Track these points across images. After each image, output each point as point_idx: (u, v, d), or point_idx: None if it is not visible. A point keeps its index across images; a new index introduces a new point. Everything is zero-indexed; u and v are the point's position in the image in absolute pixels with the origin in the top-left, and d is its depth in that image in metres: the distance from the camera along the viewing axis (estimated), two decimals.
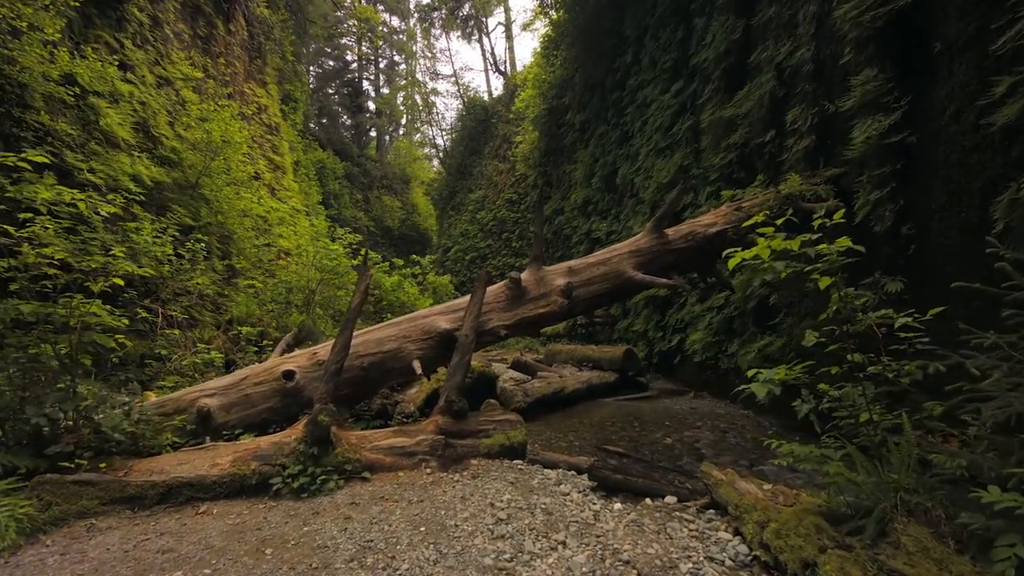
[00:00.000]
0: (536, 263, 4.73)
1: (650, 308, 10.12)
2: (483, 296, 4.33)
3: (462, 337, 4.22)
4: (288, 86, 20.95)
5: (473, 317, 4.25)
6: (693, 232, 4.92)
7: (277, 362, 4.27)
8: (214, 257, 9.87)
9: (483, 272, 4.33)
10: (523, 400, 6.63)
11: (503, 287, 4.63)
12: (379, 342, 4.32)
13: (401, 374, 4.33)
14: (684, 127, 9.52)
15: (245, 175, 10.14)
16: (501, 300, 4.55)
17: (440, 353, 4.38)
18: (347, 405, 4.27)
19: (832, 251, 2.75)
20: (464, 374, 4.16)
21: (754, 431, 5.83)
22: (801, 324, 6.10)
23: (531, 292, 4.58)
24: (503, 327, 4.44)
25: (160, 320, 6.77)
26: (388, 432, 3.90)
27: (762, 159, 7.07)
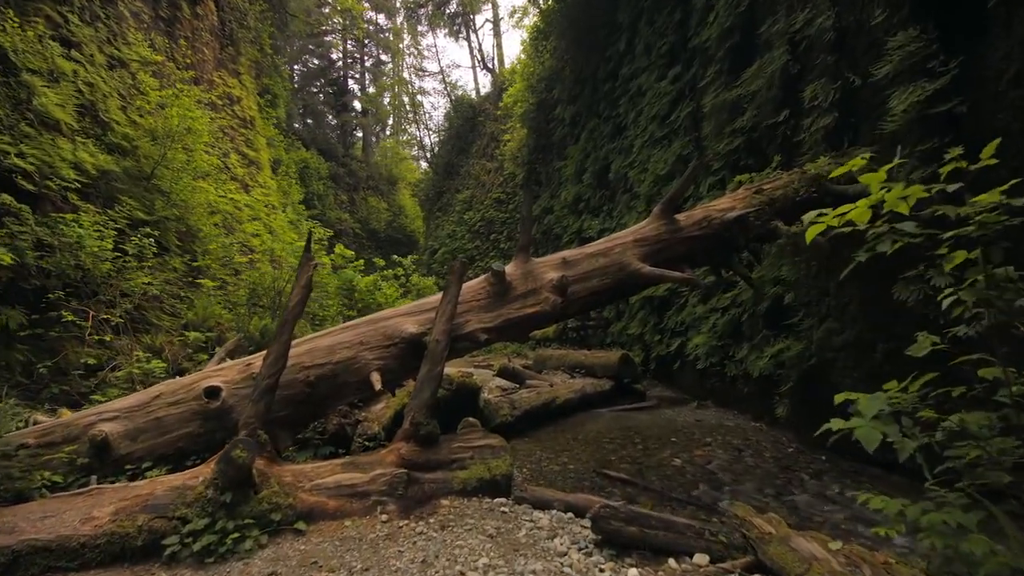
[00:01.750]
0: (523, 254, 3.90)
1: (647, 310, 9.34)
2: (458, 292, 3.49)
3: (432, 344, 3.37)
4: (267, 80, 19.98)
5: (446, 319, 3.40)
6: (708, 218, 4.13)
7: (199, 377, 3.38)
8: (172, 255, 8.92)
9: (457, 262, 3.49)
10: (510, 414, 5.79)
11: (483, 282, 3.80)
12: (329, 350, 3.45)
13: (358, 389, 3.47)
14: (683, 114, 8.78)
15: (207, 166, 9.20)
16: (481, 298, 3.71)
17: (407, 363, 3.53)
18: (288, 430, 3.39)
19: (984, 207, 1.90)
20: (434, 389, 3.31)
21: (773, 449, 5.05)
22: (822, 326, 5.35)
23: (517, 288, 3.75)
24: (484, 330, 3.60)
25: (89, 324, 5.82)
26: (336, 465, 3.04)
27: (774, 142, 6.32)
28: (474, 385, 5.07)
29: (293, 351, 3.45)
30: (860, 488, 3.99)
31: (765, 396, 6.03)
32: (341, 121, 32.57)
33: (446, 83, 30.45)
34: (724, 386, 6.87)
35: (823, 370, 5.14)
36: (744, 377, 6.41)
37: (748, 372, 6.24)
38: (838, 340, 5.04)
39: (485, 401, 5.57)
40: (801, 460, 4.69)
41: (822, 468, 4.46)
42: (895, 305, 4.44)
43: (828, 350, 5.13)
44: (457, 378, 4.97)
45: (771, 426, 5.83)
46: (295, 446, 3.62)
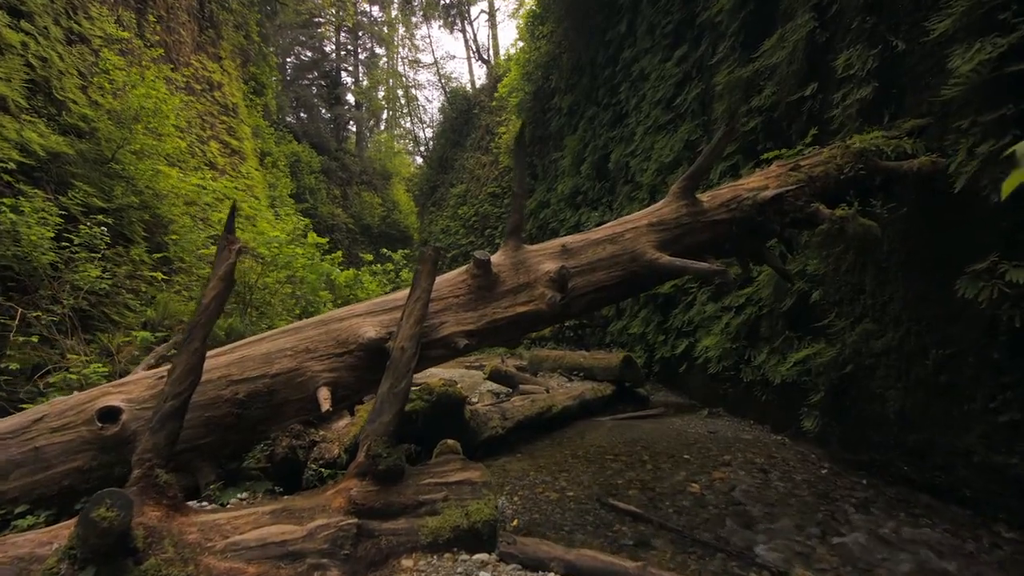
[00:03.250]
0: (514, 239, 3.14)
1: (650, 308, 8.61)
2: (430, 287, 2.74)
3: (396, 351, 2.61)
4: (254, 69, 19.10)
5: (414, 320, 2.65)
6: (737, 198, 3.38)
7: (97, 393, 2.61)
8: (137, 247, 8.11)
9: (428, 248, 2.73)
10: (500, 425, 5.05)
11: (463, 275, 3.04)
12: (265, 360, 2.69)
13: (302, 410, 2.71)
14: (691, 96, 8.03)
15: (175, 151, 8.39)
16: (461, 294, 2.95)
17: (365, 375, 2.77)
18: (212, 461, 2.63)
19: None
20: (398, 410, 2.56)
21: (803, 470, 4.32)
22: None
23: (506, 281, 2.99)
24: (463, 334, 2.84)
25: (16, 323, 5.04)
26: (263, 513, 2.28)
27: (798, 120, 5.57)
28: (457, 395, 4.32)
29: (220, 361, 2.69)
30: (919, 525, 3.28)
31: (788, 406, 5.31)
32: (334, 114, 31.67)
33: (440, 75, 29.53)
34: (738, 393, 6.14)
35: (860, 379, 4.42)
36: (762, 384, 5.68)
37: (768, 378, 5.51)
38: (878, 344, 4.31)
39: (472, 412, 4.82)
40: (839, 485, 3.96)
41: (866, 496, 3.73)
42: (952, 303, 3.72)
43: (866, 356, 4.40)
44: (438, 387, 4.22)
45: (795, 440, 5.10)
46: (218, 482, 2.86)
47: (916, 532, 3.17)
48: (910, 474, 3.97)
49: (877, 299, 4.43)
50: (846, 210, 3.46)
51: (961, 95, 3.67)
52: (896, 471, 4.07)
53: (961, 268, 3.58)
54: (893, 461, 4.11)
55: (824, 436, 4.66)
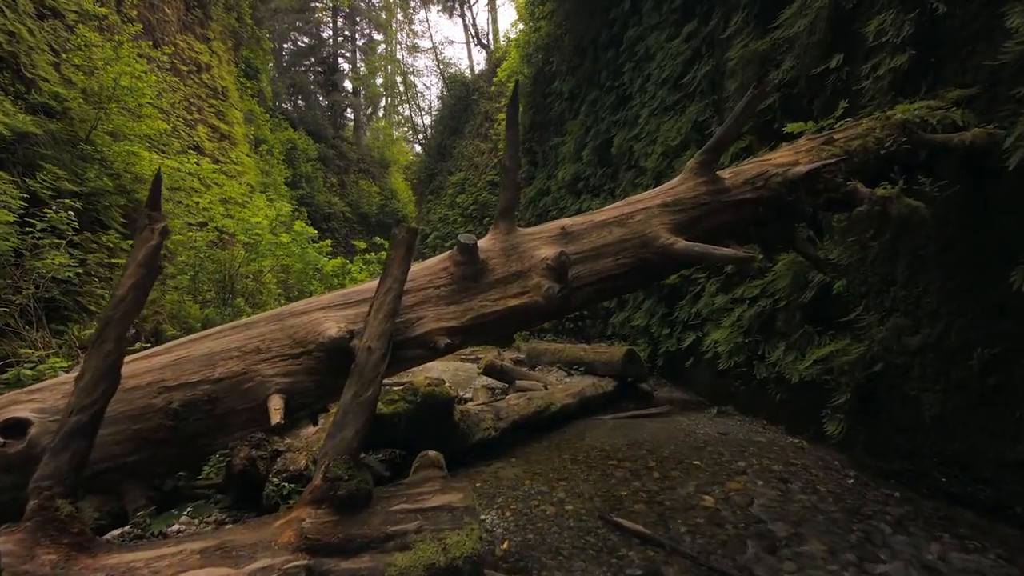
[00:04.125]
0: (505, 221, 2.69)
1: (654, 299, 8.16)
2: (404, 275, 2.29)
3: (361, 353, 2.17)
4: (247, 52, 18.51)
5: (383, 314, 2.20)
6: (765, 175, 2.92)
7: (3, 402, 2.18)
8: (108, 234, 7.66)
9: (401, 228, 2.27)
10: (494, 427, 4.62)
11: (445, 261, 2.59)
12: (207, 362, 2.25)
13: (251, 420, 2.27)
14: (700, 74, 7.51)
15: (153, 132, 7.89)
16: (442, 284, 2.51)
17: (326, 380, 2.33)
18: (143, 481, 2.20)
19: None
20: (364, 423, 2.12)
21: (826, 479, 3.89)
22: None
23: (496, 269, 2.54)
24: (444, 331, 2.40)
25: None
26: (191, 551, 1.85)
27: (821, 95, 5.08)
28: (445, 395, 3.89)
29: (152, 363, 2.25)
30: (968, 549, 2.87)
31: (806, 407, 4.88)
32: (331, 101, 31.00)
33: (439, 61, 28.80)
34: (750, 391, 5.72)
35: (891, 379, 3.98)
36: (778, 382, 5.25)
37: (784, 376, 5.08)
38: (912, 342, 3.87)
39: (463, 412, 4.39)
40: (869, 499, 3.54)
41: (902, 513, 3.31)
42: (1002, 296, 3.28)
43: (897, 353, 3.96)
44: (423, 387, 3.78)
45: (814, 443, 4.68)
46: (155, 506, 2.43)
47: (966, 558, 2.75)
48: (949, 487, 3.54)
49: (910, 291, 3.98)
50: (889, 189, 3.00)
51: (1014, 60, 3.21)
52: (933, 483, 3.64)
53: (1015, 256, 3.14)
54: (929, 472, 3.69)
55: (848, 441, 4.23)
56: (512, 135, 2.63)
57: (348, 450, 2.08)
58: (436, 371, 8.13)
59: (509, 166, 2.61)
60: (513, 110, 2.66)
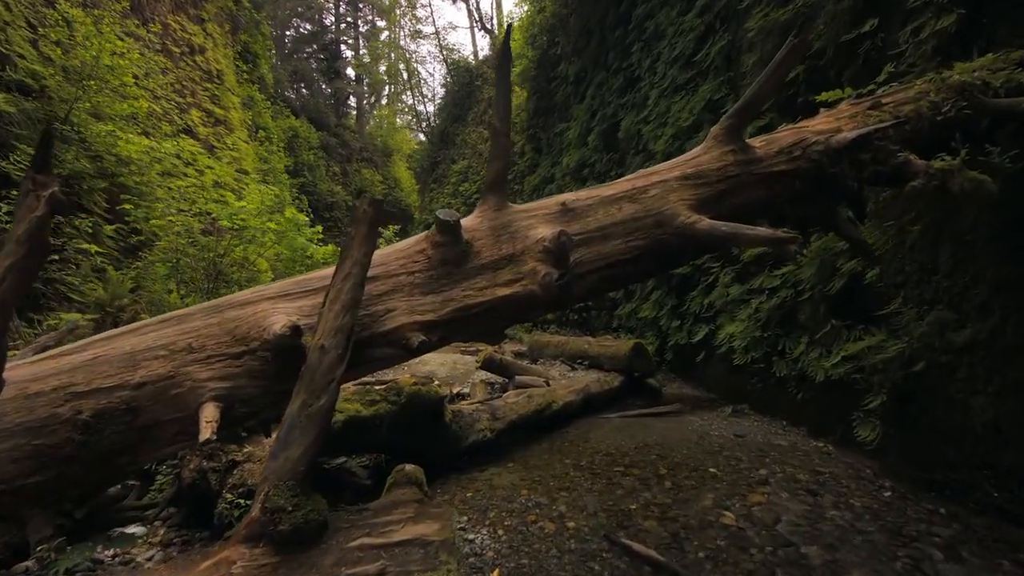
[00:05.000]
0: (494, 195, 2.25)
1: (663, 289, 7.71)
2: (368, 256, 1.86)
3: (313, 353, 1.76)
4: (245, 37, 18.02)
5: (341, 307, 1.78)
6: (802, 143, 2.46)
7: None
8: (96, 219, 7.28)
9: (364, 200, 1.85)
10: (489, 428, 4.22)
11: (422, 243, 2.16)
12: (127, 362, 1.84)
13: (182, 433, 1.86)
14: (714, 50, 7.00)
15: (134, 111, 7.46)
16: (417, 270, 2.08)
17: (275, 385, 1.91)
18: (50, 506, 1.81)
19: None
20: (313, 441, 1.71)
21: (860, 491, 3.46)
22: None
23: (483, 253, 2.11)
24: (419, 326, 1.98)
25: None
26: None
27: (853, 65, 4.59)
28: (433, 395, 3.48)
29: (59, 364, 1.84)
30: None
31: (833, 408, 4.44)
32: (334, 88, 30.46)
33: (442, 47, 28.11)
34: (768, 389, 5.27)
35: (935, 380, 3.53)
36: (799, 380, 4.81)
37: (807, 374, 4.63)
38: (958, 338, 3.41)
39: (455, 413, 3.99)
40: (911, 516, 3.10)
41: (952, 534, 2.88)
42: None
43: (941, 351, 3.51)
44: (408, 386, 3.37)
45: (841, 448, 4.25)
46: (63, 538, 2.03)
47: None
48: (1003, 502, 3.10)
49: (955, 281, 3.52)
50: (949, 161, 2.54)
51: None
52: (983, 497, 3.20)
53: None
54: (979, 484, 3.25)
55: (882, 447, 3.79)
56: (503, 89, 2.18)
57: (294, 474, 1.66)
58: (434, 364, 7.74)
59: (499, 128, 2.17)
60: (505, 59, 2.21)
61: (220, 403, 1.81)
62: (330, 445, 3.09)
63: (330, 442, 3.03)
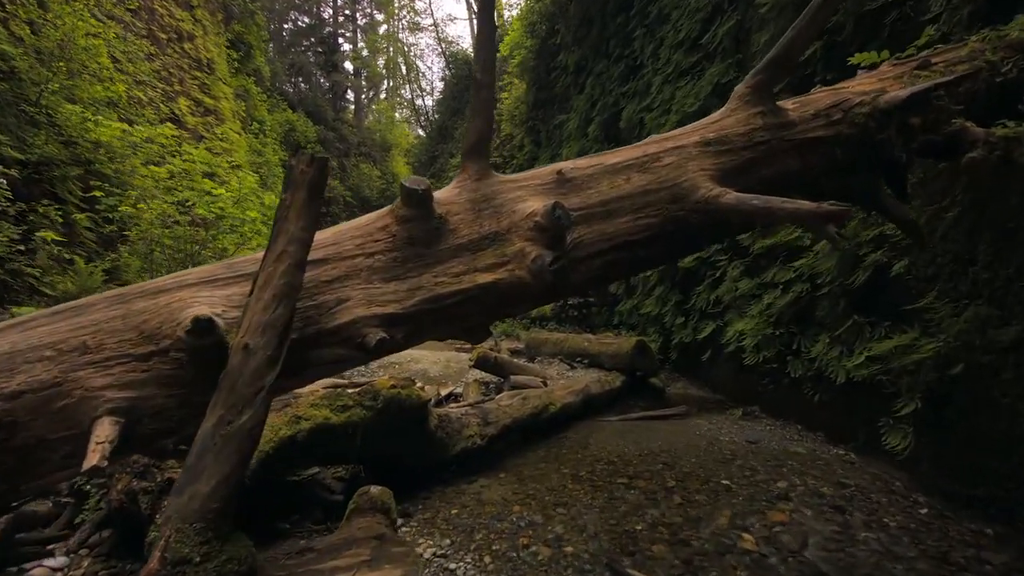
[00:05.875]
0: (476, 161, 1.86)
1: (666, 284, 7.31)
2: (308, 232, 1.46)
3: (235, 355, 1.36)
4: (239, 27, 17.57)
5: (273, 295, 1.39)
6: (843, 104, 2.07)
7: None
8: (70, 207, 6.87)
9: (302, 154, 1.45)
10: (480, 433, 3.83)
11: (385, 218, 1.76)
12: (3, 365, 1.45)
13: (72, 456, 1.47)
14: (722, 31, 6.58)
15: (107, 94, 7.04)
16: (377, 251, 1.68)
17: (194, 395, 1.51)
18: None
19: None
20: (232, 471, 1.31)
21: (891, 506, 3.07)
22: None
23: (460, 231, 1.71)
24: (379, 320, 1.57)
25: None
26: None
27: (878, 38, 4.18)
28: (414, 399, 3.09)
29: None
30: None
31: (854, 412, 4.05)
32: (331, 82, 29.98)
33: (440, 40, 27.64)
34: (780, 390, 4.89)
35: (976, 384, 3.13)
36: (816, 381, 4.42)
37: (825, 375, 4.24)
38: (1003, 336, 3.02)
39: (442, 418, 3.59)
40: (955, 537, 2.72)
41: (1004, 561, 2.49)
42: None
43: (984, 351, 3.11)
44: (385, 389, 2.98)
45: (864, 456, 3.86)
46: None
47: None
48: None
49: (996, 272, 3.13)
50: (1013, 127, 2.14)
51: None
52: None
53: None
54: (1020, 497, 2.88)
55: (913, 457, 3.40)
56: (485, 32, 1.77)
57: (204, 514, 1.27)
58: (426, 362, 7.35)
59: (481, 79, 1.76)
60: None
61: (120, 418, 1.42)
62: (293, 458, 2.70)
63: (294, 454, 2.65)
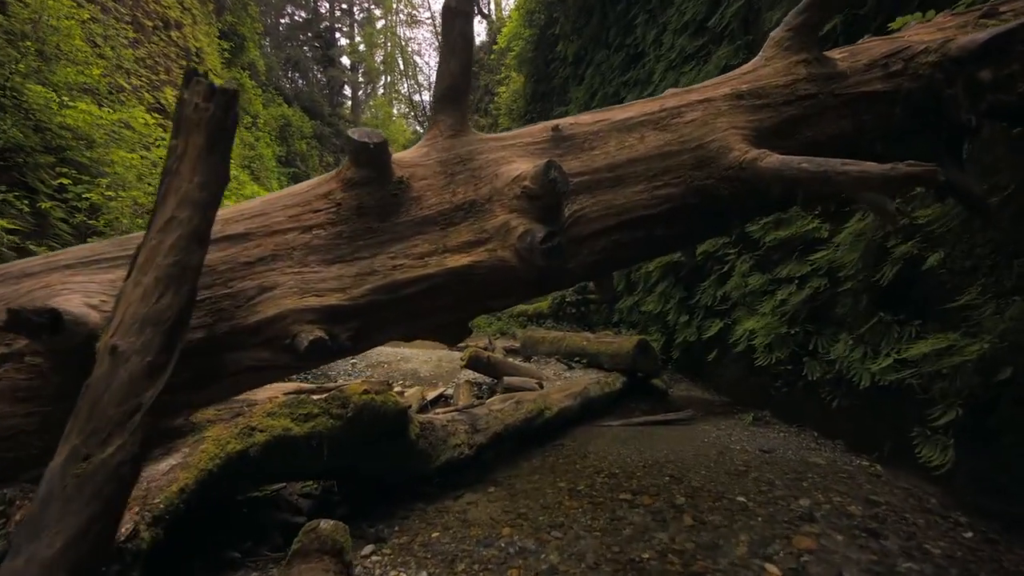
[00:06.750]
0: (450, 112, 1.46)
1: (669, 280, 6.93)
2: (213, 188, 1.06)
3: (102, 360, 0.96)
4: (231, 18, 17.13)
5: (158, 278, 0.99)
6: (904, 53, 1.68)
7: None
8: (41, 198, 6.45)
9: (200, 82, 1.06)
10: (467, 442, 3.44)
11: (329, 183, 1.36)
12: None
13: None
14: (730, 12, 6.18)
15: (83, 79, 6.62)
16: (317, 222, 1.28)
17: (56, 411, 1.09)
18: None
19: None
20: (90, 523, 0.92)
21: (929, 529, 2.69)
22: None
23: (426, 198, 1.31)
24: (316, 314, 1.17)
25: None
26: None
27: (907, 7, 3.80)
28: (390, 407, 2.69)
29: None
30: None
31: (879, 419, 3.67)
32: (328, 77, 29.51)
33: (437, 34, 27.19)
34: (796, 393, 4.50)
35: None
36: (836, 384, 4.03)
37: (846, 378, 3.86)
38: None
39: (424, 425, 3.20)
40: (1008, 567, 2.34)
41: None
42: None
43: None
44: (356, 395, 2.59)
45: (890, 468, 3.48)
46: None
47: None
48: None
49: None
50: None
51: None
52: None
53: None
54: None
55: (957, 474, 3.02)
56: None
57: None
58: (416, 362, 6.96)
59: (456, 6, 1.36)
60: None
61: None
62: (246, 476, 2.30)
63: (246, 472, 2.25)
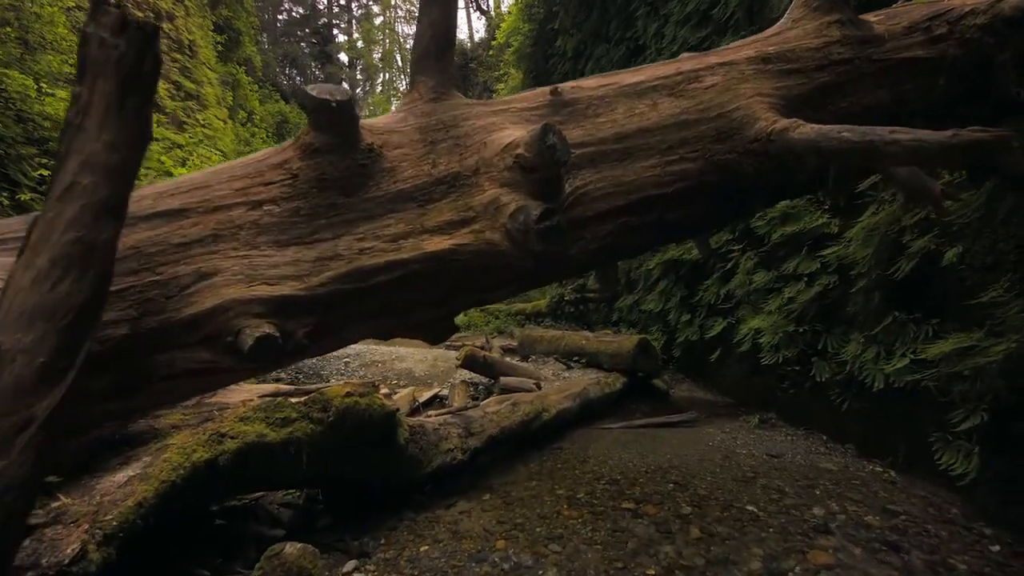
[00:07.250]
0: (432, 74, 1.26)
1: (670, 278, 6.73)
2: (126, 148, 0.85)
3: None
4: (226, 12, 16.88)
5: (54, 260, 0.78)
6: (947, 15, 1.47)
7: None
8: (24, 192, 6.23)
9: (107, 13, 0.87)
10: (461, 446, 3.24)
11: (286, 151, 1.16)
12: None
13: None
14: (734, 2, 5.98)
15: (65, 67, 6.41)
16: (270, 197, 1.07)
17: None
18: None
19: None
20: None
21: (959, 545, 2.51)
22: None
23: (400, 171, 1.10)
24: (265, 305, 0.96)
25: None
26: None
27: None
28: (376, 411, 2.50)
29: None
30: None
31: (894, 422, 3.48)
32: (326, 74, 29.25)
33: None
34: (803, 395, 4.32)
35: None
36: (847, 385, 3.84)
37: (858, 379, 3.67)
38: None
39: (415, 429, 3.00)
40: None
41: None
42: None
43: None
44: (338, 398, 2.39)
45: (906, 475, 3.29)
46: None
47: None
48: None
49: None
50: None
51: None
52: None
53: None
54: None
55: (982, 482, 2.83)
56: None
57: None
58: (411, 361, 6.74)
59: None
60: None
61: None
62: (215, 487, 2.10)
63: (215, 483, 2.05)
